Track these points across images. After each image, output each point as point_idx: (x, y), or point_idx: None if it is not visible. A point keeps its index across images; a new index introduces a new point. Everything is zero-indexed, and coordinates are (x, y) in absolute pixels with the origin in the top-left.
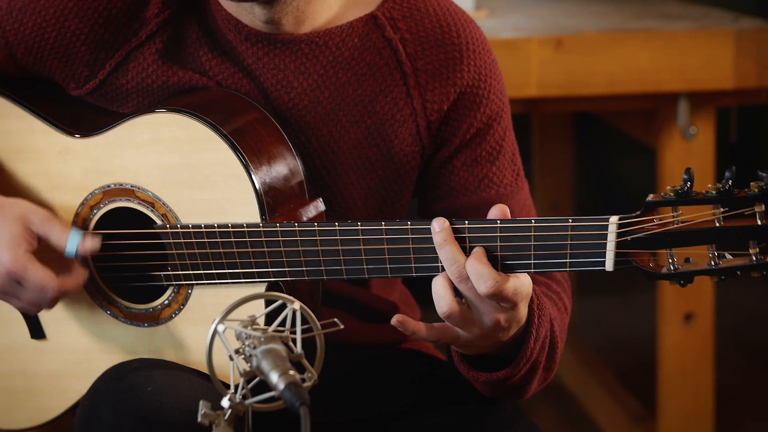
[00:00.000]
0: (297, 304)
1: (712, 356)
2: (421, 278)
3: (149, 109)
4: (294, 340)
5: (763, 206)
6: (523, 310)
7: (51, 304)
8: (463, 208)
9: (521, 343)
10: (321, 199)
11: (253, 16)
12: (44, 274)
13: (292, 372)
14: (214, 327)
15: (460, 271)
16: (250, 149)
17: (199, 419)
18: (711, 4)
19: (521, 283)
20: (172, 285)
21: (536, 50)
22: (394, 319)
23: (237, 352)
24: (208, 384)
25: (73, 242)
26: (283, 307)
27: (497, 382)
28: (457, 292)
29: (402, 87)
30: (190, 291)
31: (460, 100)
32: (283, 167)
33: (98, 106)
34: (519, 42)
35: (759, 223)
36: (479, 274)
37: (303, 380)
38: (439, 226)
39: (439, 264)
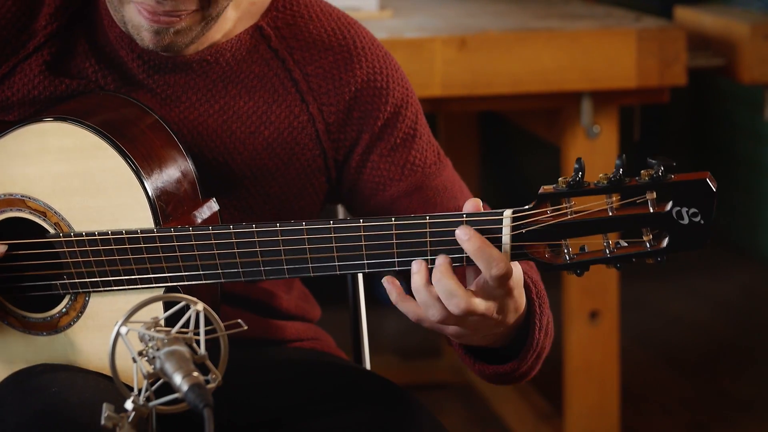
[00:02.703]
0: (200, 306)
1: (617, 354)
2: (319, 278)
3: (35, 118)
4: (197, 342)
5: (655, 194)
6: (519, 299)
7: None
8: (393, 199)
9: (526, 333)
10: (214, 199)
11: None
12: None
13: (195, 373)
14: (117, 329)
15: (459, 304)
16: (140, 154)
17: (103, 422)
18: (613, 4)
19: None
20: (68, 293)
21: (440, 50)
22: (386, 279)
23: (140, 354)
24: (114, 385)
25: None
26: (186, 308)
27: (504, 374)
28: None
29: (295, 94)
30: (87, 298)
31: (360, 97)
32: (174, 170)
33: None
34: (423, 42)
35: (651, 210)
36: (450, 292)
37: (207, 381)
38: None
39: (336, 263)
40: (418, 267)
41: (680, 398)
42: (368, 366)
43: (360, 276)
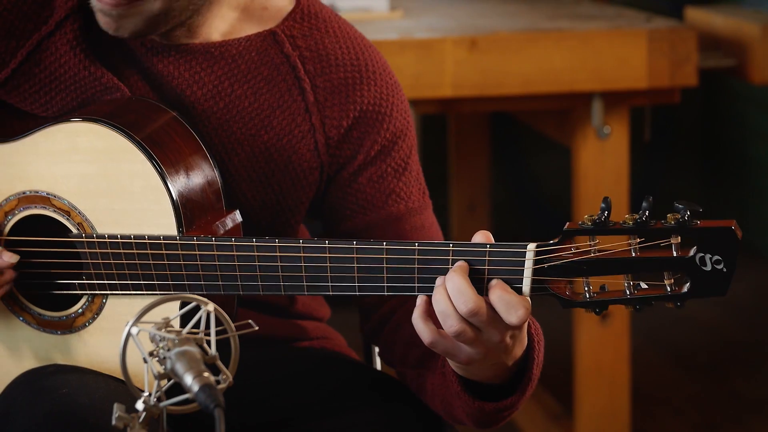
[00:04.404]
0: (211, 306)
1: (628, 354)
2: (338, 297)
3: (67, 117)
4: (208, 342)
5: (680, 238)
6: (525, 330)
7: None
8: (371, 225)
9: (524, 368)
10: (238, 210)
11: None
12: None
13: (206, 374)
14: (128, 329)
15: (470, 308)
16: (168, 160)
17: (114, 422)
18: (624, 5)
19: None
20: (86, 294)
21: (451, 50)
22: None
23: (151, 354)
24: (124, 386)
25: None
26: (197, 308)
27: (500, 410)
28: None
29: (300, 103)
30: (104, 300)
31: (362, 118)
32: (200, 178)
33: (16, 109)
34: (434, 42)
35: (675, 254)
36: (463, 293)
37: (218, 382)
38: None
39: (356, 284)
40: (440, 281)
41: (691, 398)
42: (378, 366)
43: None
